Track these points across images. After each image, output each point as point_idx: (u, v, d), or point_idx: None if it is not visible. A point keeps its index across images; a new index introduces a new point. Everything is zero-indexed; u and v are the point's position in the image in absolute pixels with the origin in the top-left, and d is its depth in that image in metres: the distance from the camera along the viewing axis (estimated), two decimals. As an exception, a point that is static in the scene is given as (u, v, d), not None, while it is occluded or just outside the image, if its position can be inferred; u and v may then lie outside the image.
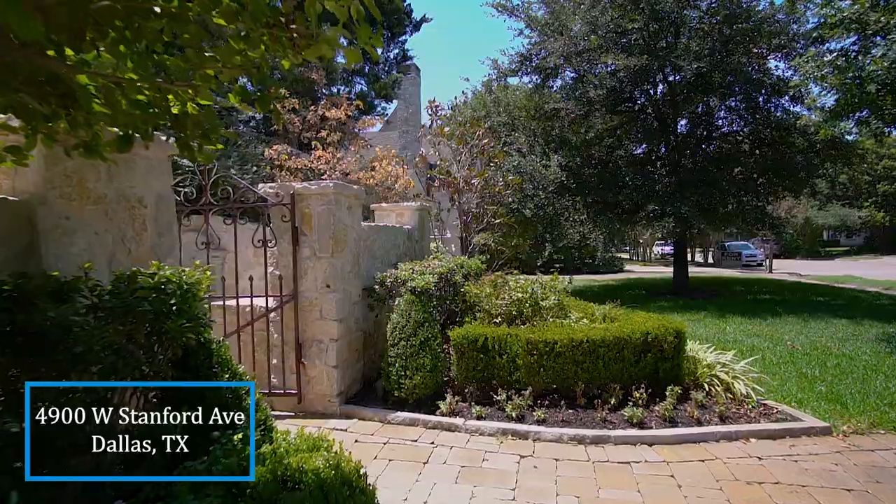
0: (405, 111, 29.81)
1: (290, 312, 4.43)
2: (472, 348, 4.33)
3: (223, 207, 4.45)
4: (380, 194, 8.47)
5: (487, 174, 7.53)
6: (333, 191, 4.32)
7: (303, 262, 4.42)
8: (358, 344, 4.89)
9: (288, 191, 4.37)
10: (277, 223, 4.45)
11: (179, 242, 3.21)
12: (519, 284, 5.13)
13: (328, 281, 4.37)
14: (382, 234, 5.80)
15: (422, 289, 4.52)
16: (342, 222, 4.52)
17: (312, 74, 9.01)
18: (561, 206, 13.81)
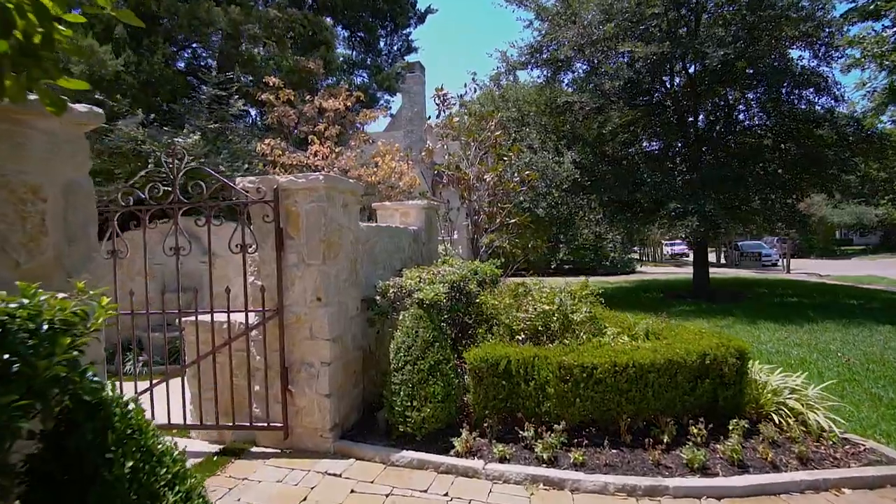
0: (410, 110, 29.10)
1: (274, 330, 3.71)
2: (492, 373, 3.59)
3: (194, 205, 3.74)
4: (382, 193, 7.76)
5: (501, 169, 6.79)
6: (324, 185, 3.60)
7: (289, 271, 3.70)
8: (356, 365, 4.16)
9: (270, 185, 3.65)
10: (259, 224, 3.74)
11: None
12: (544, 294, 4.39)
13: (319, 293, 3.65)
14: (385, 236, 5.07)
15: (431, 301, 3.79)
16: (336, 222, 3.80)
17: (309, 64, 8.31)
18: (575, 204, 13.05)
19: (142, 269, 8.01)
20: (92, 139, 6.95)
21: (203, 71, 7.79)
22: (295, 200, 3.68)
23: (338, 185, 3.77)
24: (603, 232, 12.98)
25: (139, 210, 3.84)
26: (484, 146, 7.19)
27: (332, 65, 9.17)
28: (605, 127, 13.85)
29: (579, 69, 14.84)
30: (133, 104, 6.82)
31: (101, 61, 6.17)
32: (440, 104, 7.14)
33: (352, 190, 4.04)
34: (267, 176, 3.68)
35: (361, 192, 4.26)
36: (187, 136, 6.67)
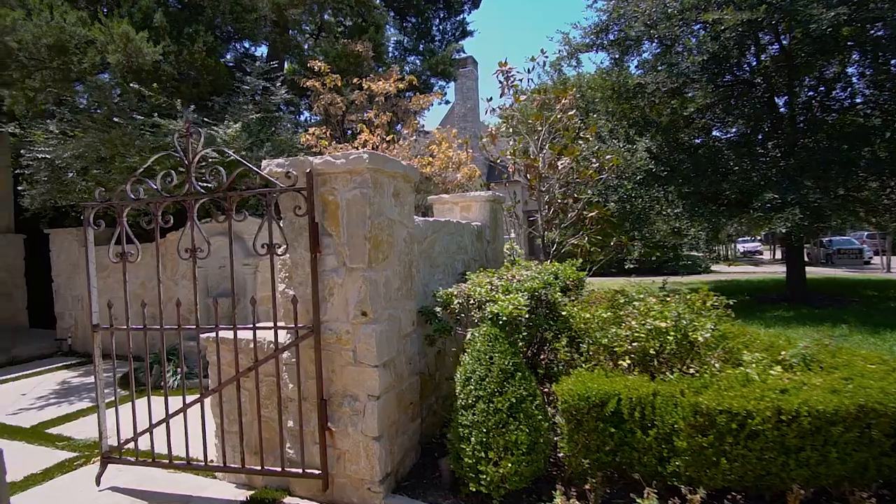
0: (462, 106, 28.28)
1: (309, 352, 2.92)
2: (595, 416, 2.64)
3: (212, 196, 3.02)
4: (438, 185, 6.93)
5: (578, 153, 5.77)
6: (369, 166, 2.77)
7: (326, 277, 2.90)
8: (412, 395, 3.32)
9: (302, 169, 2.86)
10: (290, 218, 2.96)
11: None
12: (651, 307, 3.37)
13: (364, 305, 2.82)
14: (444, 234, 4.21)
15: (509, 317, 2.87)
16: (384, 215, 2.97)
17: (358, 47, 7.60)
18: (650, 197, 11.71)
19: (186, 272, 7.60)
20: (134, 136, 6.56)
21: (246, 60, 7.24)
22: (332, 188, 2.87)
23: (386, 167, 2.93)
24: (683, 228, 11.55)
25: (151, 203, 3.16)
26: (554, 129, 6.19)
27: (381, 48, 8.44)
28: (682, 111, 12.39)
29: (649, 49, 13.48)
30: (172, 96, 6.32)
31: (137, 50, 5.66)
32: (503, 82, 6.21)
33: (404, 174, 3.19)
34: (298, 158, 2.89)
35: (416, 177, 3.41)
36: (227, 126, 6.09)
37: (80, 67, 6.03)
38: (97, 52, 5.96)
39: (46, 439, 4.21)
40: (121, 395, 5.02)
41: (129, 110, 6.30)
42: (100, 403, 3.34)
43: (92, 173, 6.40)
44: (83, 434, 4.28)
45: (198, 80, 6.81)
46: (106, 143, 6.24)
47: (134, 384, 3.35)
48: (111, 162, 6.35)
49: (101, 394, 3.36)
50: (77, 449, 4.00)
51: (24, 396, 5.60)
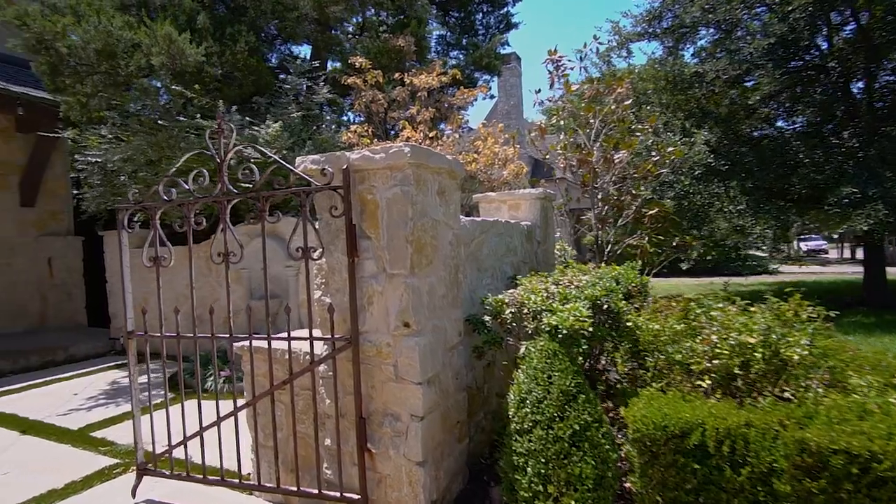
0: (506, 104, 27.76)
1: (346, 366, 2.67)
2: (674, 448, 2.25)
3: (245, 196, 2.82)
4: (483, 183, 6.60)
5: (636, 145, 5.31)
6: (411, 161, 2.48)
7: (365, 284, 2.64)
8: (459, 413, 3.02)
9: (339, 165, 2.61)
10: (326, 219, 2.72)
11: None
12: (732, 318, 2.93)
13: (406, 315, 2.54)
14: (492, 234, 3.89)
15: (570, 330, 2.52)
16: (428, 215, 2.68)
17: (399, 41, 7.38)
18: (709, 193, 10.95)
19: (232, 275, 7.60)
20: (179, 138, 6.58)
21: (289, 60, 7.15)
22: (371, 185, 2.61)
23: (430, 162, 2.64)
24: (747, 226, 10.73)
25: (183, 205, 3.01)
26: (608, 121, 5.75)
27: (423, 43, 8.19)
28: (744, 100, 11.53)
29: (706, 36, 12.65)
30: (215, 97, 6.27)
31: (180, 51, 5.62)
32: (553, 72, 5.81)
33: (449, 170, 2.89)
34: (334, 153, 2.65)
35: (463, 173, 3.11)
36: (269, 126, 5.99)
37: (126, 71, 6.08)
38: (143, 55, 5.98)
39: (90, 443, 4.18)
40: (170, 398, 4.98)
41: (175, 113, 6.30)
42: (135, 414, 3.22)
43: (139, 176, 6.45)
44: (125, 439, 4.22)
45: (240, 81, 6.77)
46: (153, 145, 6.27)
47: (168, 393, 3.21)
48: (158, 164, 6.38)
49: (136, 403, 3.24)
50: (118, 455, 3.93)
51: (75, 396, 5.67)
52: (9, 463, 3.86)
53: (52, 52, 5.83)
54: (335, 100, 7.90)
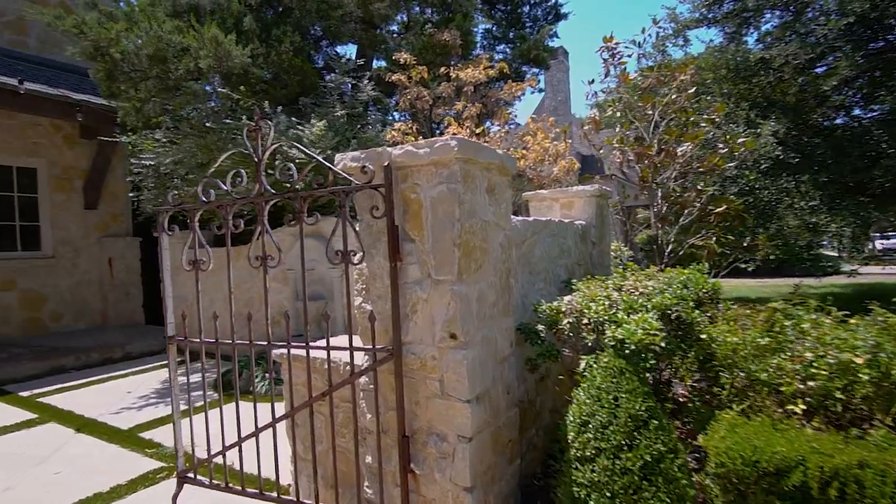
0: (553, 100, 27.09)
1: (388, 379, 2.47)
2: (767, 489, 1.91)
3: (282, 197, 2.67)
4: (532, 181, 6.29)
5: (702, 137, 4.87)
6: (458, 155, 2.25)
7: (408, 291, 2.43)
8: (510, 431, 2.76)
9: (380, 162, 2.41)
10: (367, 221, 2.53)
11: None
12: (828, 331, 2.53)
13: (453, 325, 2.31)
14: (545, 235, 3.61)
15: (639, 345, 2.22)
16: (477, 215, 2.44)
17: (444, 35, 7.16)
18: (777, 189, 10.15)
19: (278, 275, 7.62)
20: (227, 139, 6.64)
21: (334, 60, 7.08)
22: (415, 183, 2.39)
23: (479, 157, 2.40)
24: (821, 223, 9.87)
25: (221, 206, 2.90)
26: (670, 111, 5.32)
27: (469, 37, 7.94)
28: (817, 87, 10.61)
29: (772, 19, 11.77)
30: (261, 98, 6.27)
31: (227, 53, 5.62)
32: (608, 60, 5.44)
33: (500, 165, 2.64)
34: (375, 149, 2.45)
35: (514, 169, 2.85)
36: (313, 126, 5.91)
37: (176, 75, 6.16)
38: (191, 58, 6.04)
39: (138, 444, 4.20)
40: (212, 399, 4.99)
41: (223, 115, 6.35)
42: (175, 420, 3.15)
43: (190, 178, 6.55)
44: (171, 441, 4.21)
45: (286, 82, 6.75)
46: (202, 148, 6.34)
47: (216, 394, 3.12)
48: (208, 166, 6.45)
49: (177, 409, 3.17)
50: (163, 458, 3.92)
51: (129, 394, 5.80)
52: (62, 461, 3.92)
53: (107, 58, 5.98)
54: (380, 98, 7.79)
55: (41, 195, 8.91)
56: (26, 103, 7.33)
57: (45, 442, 4.34)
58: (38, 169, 8.87)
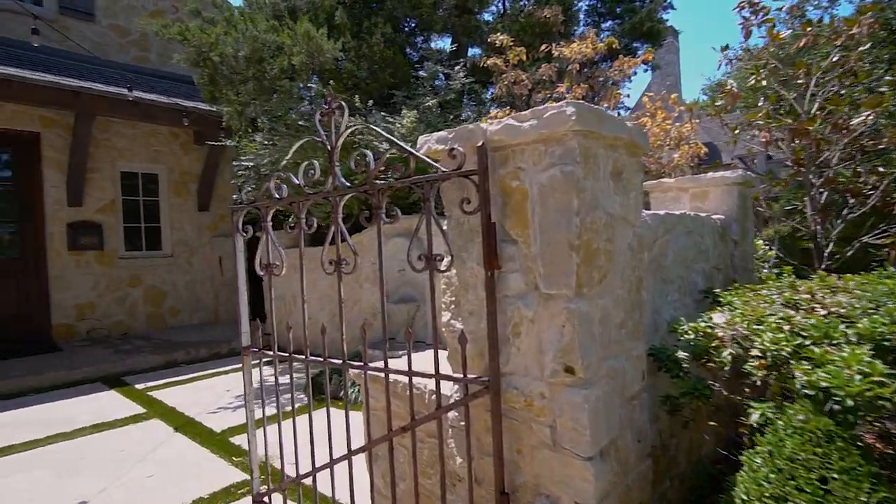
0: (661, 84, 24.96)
1: (482, 416, 1.95)
2: None
3: (357, 190, 2.25)
4: (649, 171, 5.43)
5: (885, 104, 3.77)
6: (577, 127, 1.66)
7: (509, 306, 1.88)
8: (643, 489, 2.11)
9: (472, 142, 1.89)
10: (456, 217, 2.03)
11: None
12: None
13: (569, 357, 1.73)
14: (678, 233, 2.87)
15: (858, 399, 1.48)
16: (601, 208, 1.83)
17: (545, 13, 6.50)
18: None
19: (370, 276, 7.45)
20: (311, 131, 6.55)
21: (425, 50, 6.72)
22: (517, 168, 1.84)
23: (603, 130, 1.79)
24: None
25: (294, 203, 2.55)
26: (831, 77, 4.24)
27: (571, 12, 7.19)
28: None
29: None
30: (352, 93, 6.05)
31: (318, 48, 5.45)
32: (747, 19, 4.46)
33: (630, 141, 2.00)
34: (465, 127, 1.94)
35: (646, 147, 2.18)
36: (404, 118, 5.57)
37: (271, 74, 6.14)
38: (285, 56, 5.98)
39: (227, 451, 4.09)
40: (301, 405, 4.82)
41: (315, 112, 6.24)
42: (250, 439, 2.89)
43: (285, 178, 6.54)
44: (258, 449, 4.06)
45: (377, 75, 6.50)
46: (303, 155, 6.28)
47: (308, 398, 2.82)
48: (301, 165, 6.40)
49: (251, 427, 2.91)
50: (247, 470, 3.73)
51: (227, 392, 5.87)
52: (156, 463, 3.90)
53: (208, 62, 6.11)
54: (474, 88, 7.31)
55: (161, 199, 9.58)
56: (144, 112, 7.83)
57: (146, 439, 4.40)
58: (159, 174, 9.55)
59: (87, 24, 8.90)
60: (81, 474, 3.75)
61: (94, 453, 4.11)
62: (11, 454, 4.16)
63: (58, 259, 8.17)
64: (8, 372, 6.38)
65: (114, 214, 8.83)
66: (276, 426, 2.73)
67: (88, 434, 4.54)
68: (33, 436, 4.51)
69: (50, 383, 6.25)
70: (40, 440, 4.42)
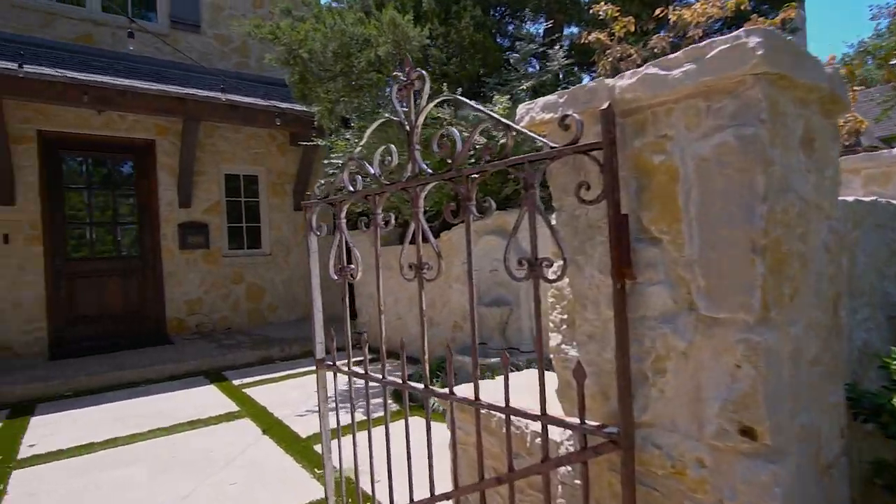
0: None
1: (605, 477, 1.44)
2: None
3: (442, 178, 1.82)
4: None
5: None
6: (762, 68, 1.09)
7: (647, 332, 1.35)
8: None
9: (593, 103, 1.38)
10: (568, 207, 1.53)
11: None
12: None
13: (747, 410, 1.17)
14: (868, 228, 2.12)
15: None
16: (792, 190, 1.23)
17: (656, -24, 5.69)
18: None
19: (460, 275, 7.07)
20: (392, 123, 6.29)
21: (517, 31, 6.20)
22: (661, 136, 1.30)
23: (798, 76, 1.20)
24: None
25: (369, 196, 2.18)
26: None
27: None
28: None
29: None
30: (440, 81, 5.69)
31: (405, 36, 5.15)
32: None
33: (829, 94, 1.37)
34: (583, 86, 1.44)
35: (848, 103, 1.52)
36: (496, 104, 5.10)
37: (358, 68, 5.95)
38: (371, 48, 5.76)
39: (310, 461, 3.90)
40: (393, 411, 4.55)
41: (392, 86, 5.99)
42: (325, 463, 2.59)
43: (372, 174, 6.36)
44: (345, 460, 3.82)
45: (466, 62, 6.09)
46: (383, 141, 6.06)
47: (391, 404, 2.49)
48: (387, 161, 6.18)
49: (327, 447, 2.62)
50: (329, 486, 3.49)
51: (316, 393, 5.78)
52: (241, 468, 3.80)
53: (298, 60, 6.06)
54: (572, 70, 6.64)
55: (261, 199, 9.95)
56: (243, 116, 8.08)
57: (236, 440, 4.36)
58: (258, 176, 9.92)
59: (194, 36, 9.43)
60: (171, 473, 3.73)
61: (185, 452, 4.12)
62: (116, 447, 4.29)
63: (170, 258, 8.72)
64: (128, 363, 6.83)
65: (218, 215, 9.27)
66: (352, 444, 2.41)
67: (184, 431, 4.61)
68: (137, 429, 4.66)
69: (160, 375, 6.59)
70: (143, 434, 4.54)
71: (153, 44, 8.82)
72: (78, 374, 6.27)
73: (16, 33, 7.54)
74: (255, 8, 10.06)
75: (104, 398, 5.71)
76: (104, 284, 8.38)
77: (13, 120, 7.27)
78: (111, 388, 6.09)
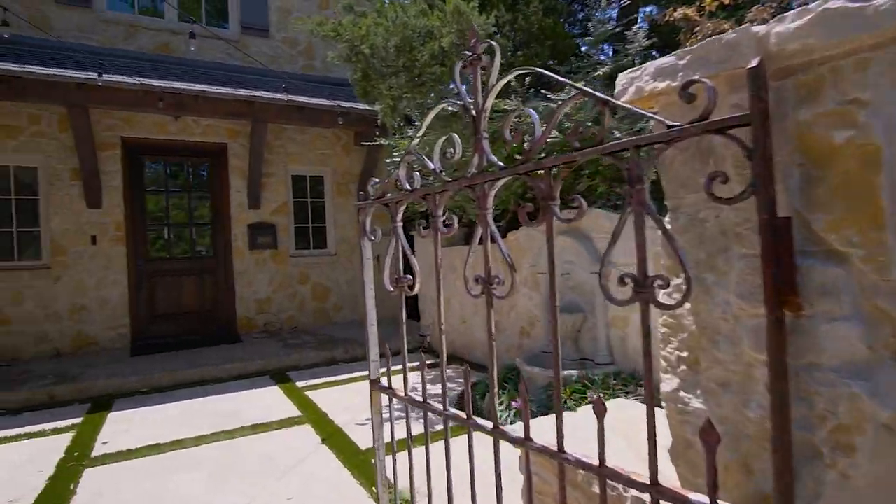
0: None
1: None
2: None
3: (516, 172, 1.47)
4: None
5: None
6: None
7: (820, 389, 0.94)
8: None
9: (734, 62, 0.98)
10: (689, 208, 1.13)
11: None
12: None
13: None
14: None
15: None
16: None
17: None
18: None
19: (527, 279, 6.66)
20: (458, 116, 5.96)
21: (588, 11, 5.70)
22: (846, 100, 0.88)
23: None
24: None
25: (428, 196, 1.87)
26: None
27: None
28: None
29: None
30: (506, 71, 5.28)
31: (469, 24, 4.84)
32: None
33: None
34: (716, 39, 1.04)
35: None
36: (568, 92, 4.66)
37: (421, 62, 5.70)
38: (434, 40, 5.48)
39: (367, 478, 3.67)
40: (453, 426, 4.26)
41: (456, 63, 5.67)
42: (380, 494, 2.32)
43: (436, 173, 6.10)
44: (401, 482, 3.57)
45: (534, 50, 5.67)
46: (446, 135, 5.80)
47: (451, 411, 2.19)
48: (453, 158, 5.90)
49: (381, 473, 2.34)
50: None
51: (378, 400, 5.61)
52: (297, 480, 3.64)
53: (360, 56, 5.90)
54: (650, 55, 6.03)
55: (327, 200, 10.01)
56: (308, 116, 8.11)
57: (296, 446, 4.24)
58: (324, 176, 9.99)
59: (263, 40, 9.63)
60: (230, 481, 3.64)
61: (246, 458, 4.03)
62: (181, 448, 4.30)
63: (241, 258, 8.94)
64: (199, 360, 7.01)
65: (286, 215, 9.41)
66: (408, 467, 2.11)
67: (246, 435, 4.55)
68: (202, 431, 4.66)
69: (228, 374, 6.70)
70: (206, 436, 4.53)
71: (225, 49, 9.07)
72: (153, 370, 6.48)
73: (101, 46, 7.98)
74: (321, 9, 10.12)
75: (175, 396, 5.85)
76: (181, 284, 8.72)
77: (99, 128, 7.70)
78: (182, 386, 6.25)
